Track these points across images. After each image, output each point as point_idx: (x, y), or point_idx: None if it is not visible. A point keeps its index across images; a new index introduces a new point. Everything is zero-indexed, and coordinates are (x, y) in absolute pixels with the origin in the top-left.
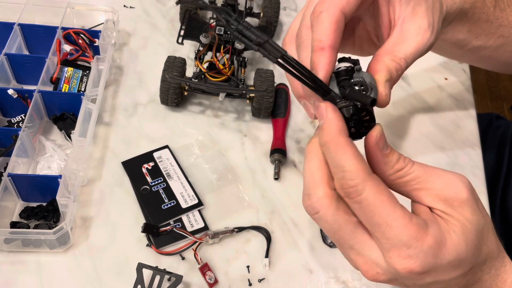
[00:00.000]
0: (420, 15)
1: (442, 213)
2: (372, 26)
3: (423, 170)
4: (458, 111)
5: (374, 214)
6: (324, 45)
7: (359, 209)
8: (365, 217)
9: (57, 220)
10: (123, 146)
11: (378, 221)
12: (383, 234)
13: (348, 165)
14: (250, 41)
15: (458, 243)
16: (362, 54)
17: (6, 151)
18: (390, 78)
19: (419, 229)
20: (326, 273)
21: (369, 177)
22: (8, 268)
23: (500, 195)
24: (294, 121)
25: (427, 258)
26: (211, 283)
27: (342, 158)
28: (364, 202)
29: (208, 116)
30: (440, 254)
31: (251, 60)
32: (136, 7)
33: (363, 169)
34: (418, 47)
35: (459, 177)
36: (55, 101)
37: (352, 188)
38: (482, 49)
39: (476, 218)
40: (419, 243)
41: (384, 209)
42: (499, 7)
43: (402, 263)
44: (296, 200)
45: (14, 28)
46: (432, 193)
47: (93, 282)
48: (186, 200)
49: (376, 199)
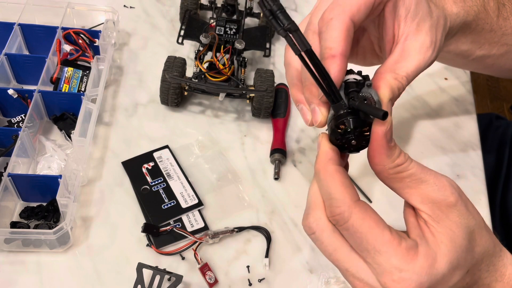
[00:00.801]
0: (423, 32)
1: (429, 217)
2: (375, 37)
3: (420, 169)
4: (458, 112)
5: (362, 240)
6: (335, 53)
7: (348, 236)
8: (354, 243)
9: (57, 220)
10: (123, 146)
11: (366, 247)
12: (373, 259)
13: (334, 192)
14: (280, 26)
15: (448, 252)
16: (364, 64)
17: (6, 151)
18: (393, 97)
19: (409, 250)
20: (326, 273)
21: (355, 204)
22: (8, 268)
23: (500, 195)
24: (294, 121)
25: (420, 278)
26: (211, 283)
27: (330, 186)
28: (351, 228)
29: (208, 116)
30: (433, 271)
31: (251, 60)
32: (136, 7)
33: (349, 195)
34: (419, 65)
35: (448, 181)
36: (55, 101)
37: (339, 216)
38: (486, 58)
39: (464, 221)
40: (410, 265)
41: (372, 234)
42: (502, 16)
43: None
44: (296, 200)
45: (14, 28)
46: (423, 193)
47: (93, 282)
48: (186, 200)
49: (362, 225)
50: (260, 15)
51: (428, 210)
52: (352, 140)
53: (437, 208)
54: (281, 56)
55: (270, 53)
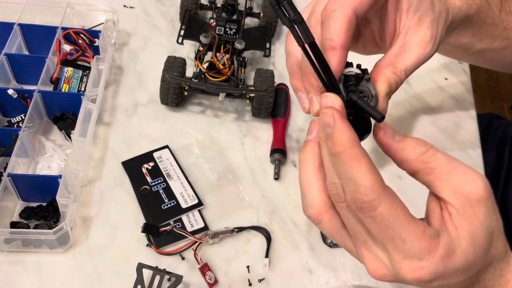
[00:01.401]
0: (425, 26)
1: (456, 211)
2: (377, 26)
3: (447, 160)
4: (458, 111)
5: (389, 229)
6: (336, 45)
7: (372, 223)
8: (378, 231)
9: (57, 220)
10: (123, 146)
11: (392, 235)
12: (396, 247)
13: (362, 180)
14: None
15: (467, 250)
16: (364, 53)
17: (6, 151)
18: (390, 92)
19: (432, 240)
20: (326, 273)
21: (384, 192)
22: (8, 268)
23: (500, 195)
24: (294, 121)
25: (437, 268)
26: (211, 283)
27: (356, 172)
28: (379, 217)
29: (208, 116)
30: (450, 263)
31: (251, 60)
32: (136, 7)
33: (378, 183)
34: (418, 59)
35: (479, 175)
36: (55, 101)
37: (366, 204)
38: (487, 52)
39: (488, 220)
40: (431, 255)
41: (399, 223)
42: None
43: (413, 273)
44: (296, 200)
45: (14, 28)
46: (453, 186)
47: (93, 282)
48: (186, 200)
49: (391, 214)
50: (260, 15)
51: (458, 204)
52: None
53: (467, 202)
54: (281, 56)
55: (270, 53)
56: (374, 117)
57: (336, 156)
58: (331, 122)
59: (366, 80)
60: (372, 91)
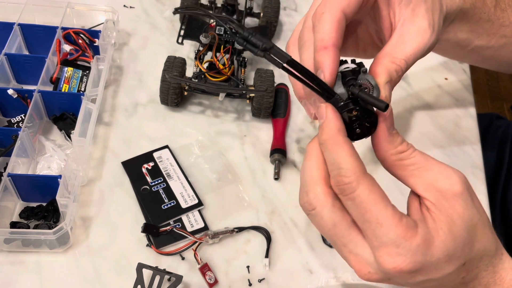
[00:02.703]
0: (420, 16)
1: (432, 205)
2: (374, 29)
3: (423, 158)
4: (458, 111)
5: (366, 211)
6: (327, 44)
7: (352, 206)
8: (357, 213)
9: (57, 220)
10: (123, 146)
11: (369, 218)
12: (373, 232)
13: (344, 163)
14: (256, 48)
15: (445, 239)
16: (366, 57)
17: (6, 151)
18: (390, 80)
19: (408, 228)
20: (326, 273)
21: (363, 175)
22: (8, 268)
23: (500, 195)
24: (294, 121)
25: (415, 256)
26: (211, 283)
27: (339, 156)
28: (357, 199)
29: (208, 116)
30: (428, 252)
31: (251, 60)
32: (136, 7)
33: (358, 167)
34: (418, 47)
35: (455, 172)
36: (55, 101)
37: (347, 185)
38: (485, 49)
39: (468, 213)
40: (407, 242)
41: (376, 207)
42: (499, 7)
43: (391, 262)
44: (296, 200)
45: (14, 28)
46: (427, 181)
47: (93, 282)
48: (186, 200)
49: (369, 197)
50: (260, 15)
51: (432, 198)
52: (356, 129)
53: (442, 196)
54: None
55: None
56: (378, 106)
57: (322, 144)
58: (323, 114)
59: (363, 72)
60: (372, 81)
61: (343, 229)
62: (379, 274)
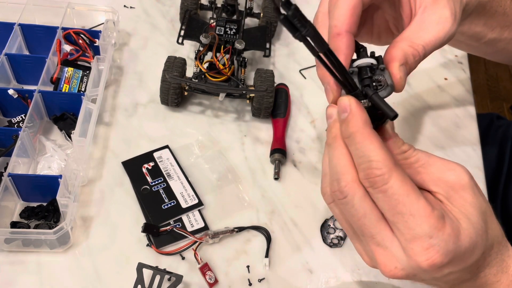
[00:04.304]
0: (441, 4)
1: (444, 198)
2: (391, 15)
3: (425, 154)
4: (458, 111)
5: (399, 202)
6: (341, 31)
7: (384, 198)
8: (389, 206)
9: (57, 220)
10: (123, 146)
11: (402, 210)
12: (406, 223)
13: (375, 155)
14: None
15: (468, 229)
16: (379, 43)
17: (7, 151)
18: (406, 63)
19: (439, 219)
20: (326, 273)
21: (395, 167)
22: (8, 268)
23: (500, 195)
24: (294, 121)
25: (448, 246)
26: (211, 283)
27: (369, 148)
28: (390, 190)
29: (208, 116)
30: (458, 242)
31: (251, 60)
32: (136, 7)
33: (389, 158)
34: (438, 36)
35: (458, 164)
36: (55, 101)
37: (379, 177)
38: (497, 42)
39: (477, 201)
40: (440, 232)
41: (409, 198)
42: None
43: (425, 254)
44: (296, 200)
45: (15, 28)
46: (434, 176)
47: (93, 282)
48: (186, 200)
49: (401, 188)
50: (260, 15)
51: (442, 191)
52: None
53: (451, 188)
54: (281, 56)
55: (270, 53)
56: (388, 114)
57: (349, 137)
58: (347, 108)
59: (381, 69)
60: (388, 80)
61: (373, 220)
62: (406, 269)
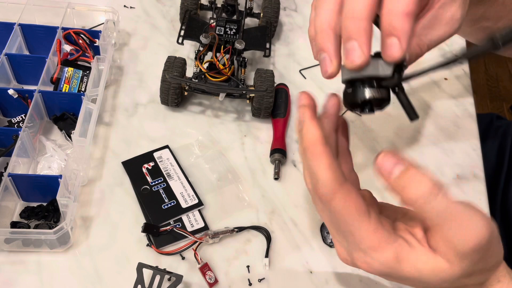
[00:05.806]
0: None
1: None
2: None
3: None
4: (458, 111)
5: (341, 222)
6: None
7: (331, 214)
8: (335, 221)
9: (58, 220)
10: (123, 146)
11: (343, 228)
12: (347, 239)
13: (320, 175)
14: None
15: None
16: None
17: (7, 151)
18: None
19: (381, 241)
20: (326, 273)
21: (339, 187)
22: (8, 268)
23: (500, 196)
24: (294, 121)
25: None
26: (211, 283)
27: (317, 167)
28: (333, 209)
29: (208, 116)
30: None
31: (251, 60)
32: (136, 7)
33: (335, 179)
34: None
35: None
36: (55, 101)
37: (324, 197)
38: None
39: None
40: (377, 253)
41: (350, 218)
42: None
43: (362, 264)
44: (296, 200)
45: (15, 28)
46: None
47: (93, 282)
48: (186, 200)
49: (344, 208)
50: (260, 15)
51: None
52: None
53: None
54: (281, 56)
55: (270, 53)
56: (410, 115)
57: (302, 152)
58: (301, 118)
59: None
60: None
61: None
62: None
